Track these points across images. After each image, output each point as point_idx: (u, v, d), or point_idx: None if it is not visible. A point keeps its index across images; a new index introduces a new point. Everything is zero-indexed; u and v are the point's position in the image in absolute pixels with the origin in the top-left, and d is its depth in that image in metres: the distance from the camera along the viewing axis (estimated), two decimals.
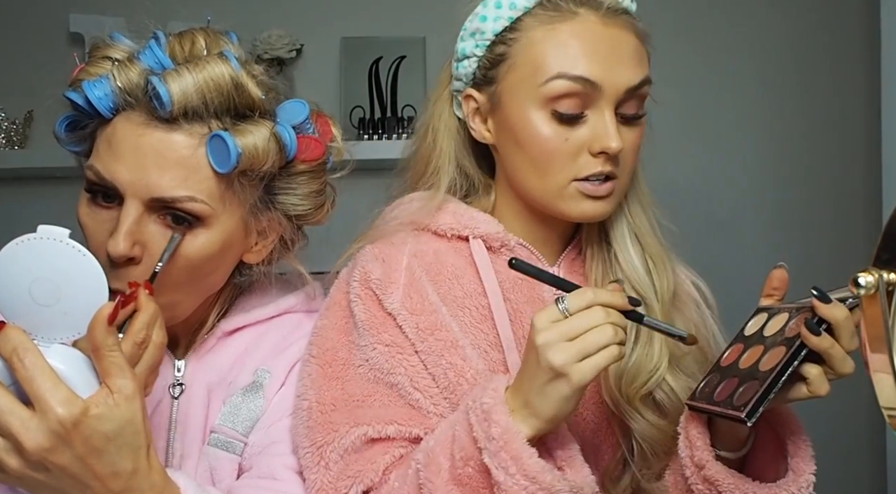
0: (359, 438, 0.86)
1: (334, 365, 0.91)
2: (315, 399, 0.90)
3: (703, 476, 0.87)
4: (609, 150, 0.89)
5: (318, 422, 0.88)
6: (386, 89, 2.08)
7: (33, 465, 0.68)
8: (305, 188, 0.94)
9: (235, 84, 0.85)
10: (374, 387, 0.89)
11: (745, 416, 0.76)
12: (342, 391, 0.90)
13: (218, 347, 0.97)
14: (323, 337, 0.94)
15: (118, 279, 0.83)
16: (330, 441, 0.86)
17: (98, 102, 0.84)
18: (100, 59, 0.88)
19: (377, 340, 0.90)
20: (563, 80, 0.89)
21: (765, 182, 2.16)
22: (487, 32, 0.94)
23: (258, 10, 2.05)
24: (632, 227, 0.99)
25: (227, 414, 0.94)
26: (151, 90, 0.82)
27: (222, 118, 0.86)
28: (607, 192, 0.92)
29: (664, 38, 0.95)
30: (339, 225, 1.02)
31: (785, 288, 0.90)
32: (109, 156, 0.84)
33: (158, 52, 0.86)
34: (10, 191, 2.00)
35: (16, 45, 2.02)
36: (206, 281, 0.92)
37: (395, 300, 0.91)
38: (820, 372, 0.78)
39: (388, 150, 1.97)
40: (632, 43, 0.91)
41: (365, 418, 0.87)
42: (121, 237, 0.82)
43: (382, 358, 0.90)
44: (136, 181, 0.83)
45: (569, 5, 0.91)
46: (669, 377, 0.95)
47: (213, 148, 0.85)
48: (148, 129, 0.84)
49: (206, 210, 0.85)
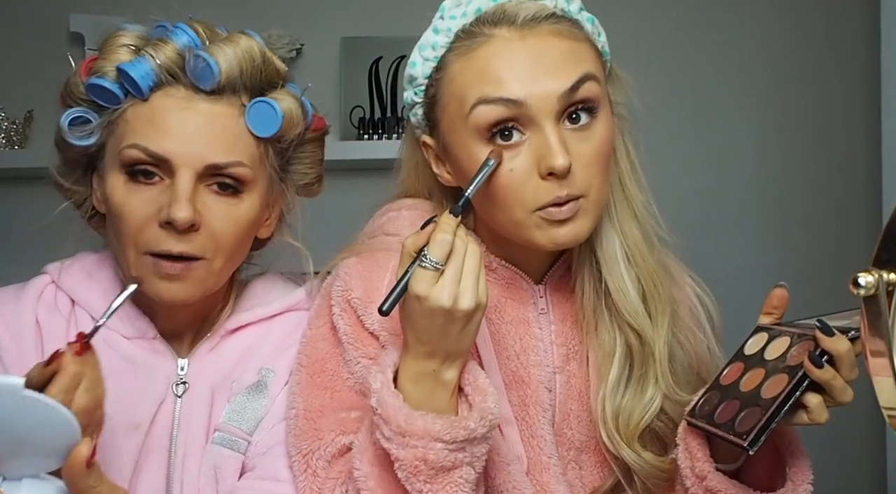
0: (344, 445, 0.87)
1: (323, 374, 0.91)
2: (302, 406, 0.90)
3: (704, 487, 0.87)
4: (555, 170, 0.82)
5: (303, 430, 0.89)
6: (386, 89, 2.08)
7: None
8: (314, 156, 1.01)
9: (264, 57, 0.93)
10: (361, 399, 0.89)
11: (747, 445, 0.78)
12: (330, 399, 0.90)
13: (221, 345, 0.98)
14: (312, 347, 0.94)
15: (182, 243, 0.87)
16: (315, 448, 0.87)
17: (142, 81, 0.88)
18: (117, 47, 0.91)
19: (361, 354, 0.90)
20: (485, 106, 0.84)
21: (764, 182, 2.16)
22: (419, 78, 0.92)
23: (258, 10, 2.05)
24: (624, 246, 0.94)
25: (232, 413, 0.94)
26: (199, 63, 0.88)
27: (251, 89, 0.92)
28: (572, 212, 0.85)
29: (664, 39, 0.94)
30: (339, 224, 1.02)
31: (784, 307, 0.91)
32: (155, 132, 0.88)
33: (191, 33, 0.91)
34: (10, 191, 2.00)
35: (16, 45, 2.02)
36: (244, 248, 0.96)
37: (375, 320, 0.91)
38: (820, 401, 0.80)
39: (388, 150, 1.96)
40: (559, 47, 0.85)
41: (350, 426, 0.87)
42: (184, 203, 0.86)
43: (366, 371, 0.89)
44: (188, 151, 0.88)
45: (483, 29, 0.87)
46: (666, 405, 0.94)
47: (256, 113, 0.91)
48: (192, 102, 0.89)
49: (250, 174, 0.91)
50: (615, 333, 0.95)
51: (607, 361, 0.94)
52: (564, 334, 0.97)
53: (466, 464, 0.79)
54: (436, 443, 0.77)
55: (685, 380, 0.96)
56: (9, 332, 0.93)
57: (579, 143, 0.85)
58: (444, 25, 0.89)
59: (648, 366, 0.94)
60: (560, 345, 0.96)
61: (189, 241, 0.88)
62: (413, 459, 0.77)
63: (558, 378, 0.96)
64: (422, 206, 0.99)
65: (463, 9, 0.88)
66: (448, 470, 0.79)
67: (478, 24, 0.87)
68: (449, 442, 0.78)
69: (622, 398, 0.93)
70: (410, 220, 0.97)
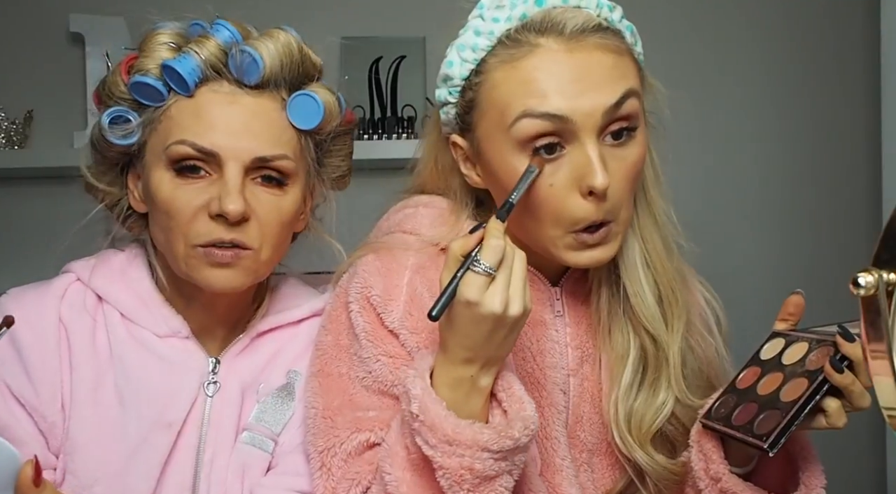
0: (360, 443, 0.86)
1: (339, 380, 0.91)
2: (322, 405, 0.90)
3: (719, 489, 0.87)
4: (596, 189, 0.82)
5: (320, 428, 0.88)
6: (386, 89, 2.08)
7: None
8: (346, 149, 1.03)
9: (301, 51, 0.96)
10: (379, 399, 0.89)
11: (767, 447, 0.79)
12: (347, 398, 0.89)
13: (251, 347, 1.00)
14: (325, 354, 0.93)
15: (233, 232, 0.89)
16: (331, 446, 0.86)
17: (189, 76, 0.89)
18: (158, 44, 0.93)
19: (381, 352, 0.89)
20: (529, 119, 0.83)
21: (764, 182, 2.16)
22: (456, 78, 0.90)
23: (258, 10, 2.04)
24: (643, 252, 0.94)
25: (261, 414, 0.96)
26: (244, 58, 0.90)
27: (290, 84, 0.94)
28: (602, 238, 0.87)
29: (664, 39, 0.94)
30: (340, 224, 1.02)
31: (800, 314, 0.92)
32: (202, 127, 0.90)
33: (232, 29, 0.93)
34: (10, 191, 2.00)
35: (16, 45, 2.02)
36: (287, 241, 0.98)
37: (396, 318, 0.90)
38: (839, 406, 0.81)
39: (388, 150, 1.97)
40: (605, 62, 0.85)
41: (367, 424, 0.87)
42: (235, 195, 0.88)
43: (386, 369, 0.88)
44: (236, 144, 0.89)
45: (529, 37, 0.85)
46: (677, 409, 0.94)
47: (299, 106, 0.94)
48: (236, 97, 0.91)
49: (294, 167, 0.93)
50: (630, 336, 0.95)
51: (620, 363, 0.95)
52: (579, 337, 0.97)
53: (507, 473, 0.79)
54: (483, 453, 0.76)
55: (695, 385, 0.97)
56: (31, 332, 0.93)
57: (616, 161, 0.85)
58: (486, 28, 0.87)
59: (661, 370, 0.94)
60: (575, 348, 0.96)
61: (240, 231, 0.89)
62: (459, 468, 0.76)
63: (572, 380, 0.96)
64: (438, 204, 0.98)
65: (507, 12, 0.86)
66: (491, 479, 0.78)
67: (523, 31, 0.85)
68: (495, 452, 0.77)
69: (635, 400, 0.94)
70: (429, 218, 0.96)
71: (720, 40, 2.14)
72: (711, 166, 2.14)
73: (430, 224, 0.96)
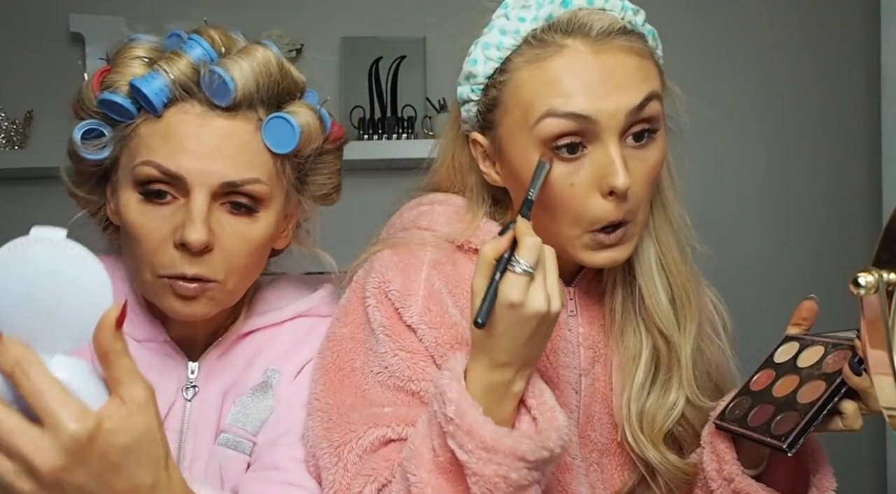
0: (377, 439, 0.84)
1: (352, 375, 0.89)
2: (334, 401, 0.88)
3: (732, 489, 0.87)
4: (618, 189, 0.83)
5: (336, 423, 0.87)
6: (386, 89, 2.08)
7: (48, 487, 0.62)
8: (332, 167, 0.98)
9: (281, 69, 0.90)
10: (394, 394, 0.87)
11: (786, 447, 0.80)
12: (361, 394, 0.88)
13: (233, 349, 0.97)
14: (340, 345, 0.92)
15: (196, 265, 0.86)
16: (347, 441, 0.85)
17: (155, 97, 0.85)
18: (130, 59, 0.88)
19: (398, 346, 0.88)
20: (553, 119, 0.83)
21: (764, 182, 2.16)
22: (479, 76, 0.90)
23: (258, 10, 2.04)
24: (659, 255, 0.94)
25: (237, 414, 0.94)
26: (214, 79, 0.85)
27: (268, 103, 0.89)
28: (619, 239, 0.87)
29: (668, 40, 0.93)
30: (340, 224, 1.02)
31: (813, 319, 0.92)
32: (169, 150, 0.85)
33: (205, 44, 0.88)
34: (9, 191, 2.00)
35: (16, 45, 2.02)
36: (259, 265, 0.94)
37: (414, 313, 0.89)
38: (856, 408, 0.82)
39: (388, 150, 1.98)
40: (630, 64, 0.85)
41: (384, 419, 0.85)
42: (199, 225, 0.84)
43: (404, 364, 0.87)
44: (204, 169, 0.85)
45: (555, 38, 0.85)
46: (687, 411, 0.94)
47: (273, 130, 0.89)
48: (207, 119, 0.87)
49: (267, 191, 0.89)
50: (643, 336, 0.95)
51: (633, 363, 0.94)
52: (592, 337, 0.97)
53: (537, 483, 0.79)
54: (519, 462, 0.75)
55: (704, 386, 0.97)
56: None
57: (636, 162, 0.85)
58: (511, 27, 0.87)
59: (673, 371, 0.94)
60: (587, 348, 0.96)
61: (203, 264, 0.86)
62: (494, 476, 0.75)
63: (584, 380, 0.96)
64: (453, 201, 0.97)
65: (533, 12, 0.86)
66: (524, 489, 0.77)
67: (549, 32, 0.85)
68: (530, 462, 0.76)
69: (647, 400, 0.93)
70: (445, 216, 0.96)
71: (724, 42, 2.14)
72: (711, 166, 2.14)
73: (447, 221, 0.95)
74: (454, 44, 0.99)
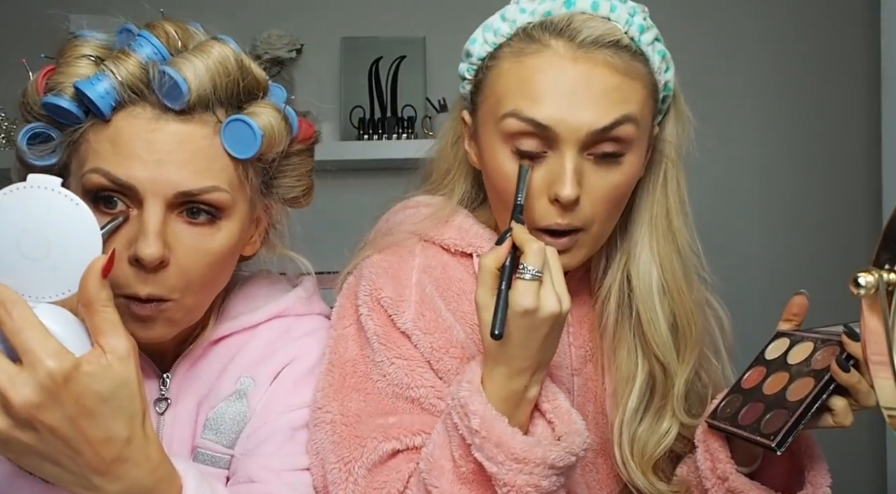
0: (385, 452, 0.84)
1: (354, 376, 0.88)
2: (338, 411, 0.87)
3: (726, 488, 0.87)
4: (561, 199, 0.82)
5: (343, 437, 0.85)
6: (386, 89, 2.08)
7: (21, 424, 0.62)
8: (301, 168, 0.92)
9: (241, 66, 0.82)
10: (394, 402, 0.87)
11: (775, 445, 0.79)
12: (364, 403, 0.87)
13: (205, 357, 0.92)
14: (341, 348, 0.91)
15: (149, 284, 0.79)
16: (358, 456, 0.84)
17: (101, 101, 0.78)
18: (75, 58, 0.82)
19: (394, 354, 0.88)
20: (514, 119, 0.83)
21: (765, 182, 2.16)
22: (474, 56, 0.90)
23: (258, 10, 2.04)
24: (661, 280, 0.93)
25: (210, 427, 0.89)
26: (164, 80, 0.78)
27: (228, 104, 0.82)
28: (568, 245, 0.86)
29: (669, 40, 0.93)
30: (339, 224, 1.02)
31: (804, 314, 0.92)
32: (119, 157, 0.78)
33: (155, 42, 0.81)
34: None
35: (16, 45, 2.02)
36: (222, 277, 0.88)
37: (408, 319, 0.88)
38: (846, 405, 0.81)
39: (388, 150, 1.97)
40: (608, 81, 0.82)
41: (392, 431, 0.84)
42: (152, 239, 0.77)
43: (402, 372, 0.87)
44: (157, 178, 0.78)
45: (543, 36, 0.84)
46: (681, 430, 0.94)
47: (233, 133, 0.81)
48: (160, 123, 0.79)
49: (228, 199, 0.82)
50: (638, 360, 0.94)
51: (626, 386, 0.94)
52: (582, 336, 0.97)
53: (562, 487, 0.79)
54: (549, 470, 0.76)
55: (697, 406, 0.97)
56: None
57: (596, 177, 0.84)
58: (512, 15, 0.88)
59: (668, 398, 0.94)
60: (578, 347, 0.96)
61: (156, 282, 0.79)
62: (525, 485, 0.75)
63: (576, 380, 0.96)
64: (437, 203, 0.98)
65: (535, 5, 0.87)
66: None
67: (539, 29, 0.85)
68: (560, 469, 0.77)
69: (639, 426, 0.93)
70: (428, 214, 0.96)
71: (716, 38, 2.14)
72: (711, 166, 2.14)
73: (434, 223, 0.96)
74: (454, 44, 0.99)
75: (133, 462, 0.66)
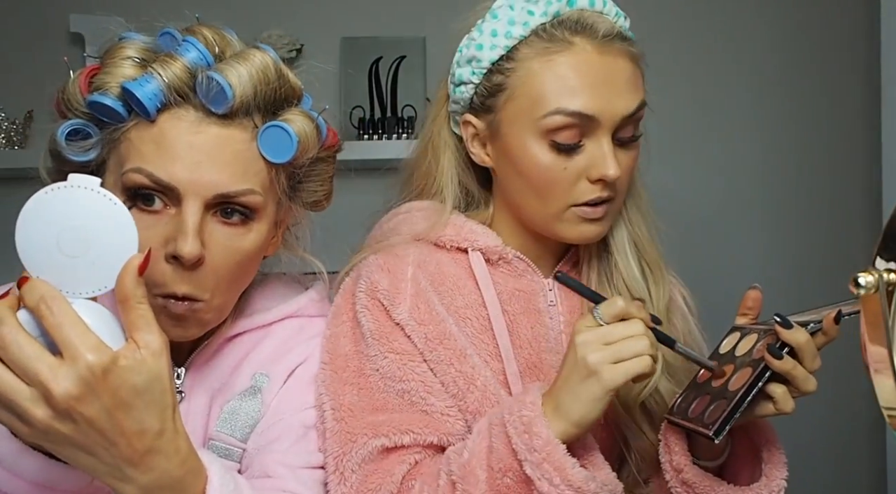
0: (375, 449, 0.87)
1: (347, 370, 0.92)
2: (330, 405, 0.91)
3: (681, 480, 0.90)
4: (607, 178, 0.90)
5: (333, 432, 0.89)
6: (386, 89, 2.08)
7: (61, 415, 0.64)
8: (325, 174, 0.96)
9: (279, 75, 0.86)
10: (385, 397, 0.90)
11: (712, 434, 0.82)
12: (357, 397, 0.90)
13: (219, 353, 0.95)
14: (334, 344, 0.94)
15: (186, 283, 0.83)
16: (347, 451, 0.87)
17: (148, 102, 0.81)
18: (121, 59, 0.84)
19: (387, 349, 0.91)
20: (560, 116, 0.89)
21: (765, 182, 2.16)
22: (484, 61, 0.94)
23: (258, 10, 2.05)
24: (632, 236, 1.01)
25: (224, 421, 0.92)
26: (211, 86, 0.81)
27: (265, 110, 0.86)
28: (603, 214, 0.94)
29: (660, 38, 0.94)
30: (340, 225, 1.02)
31: (759, 308, 0.95)
32: (162, 158, 0.82)
33: (201, 48, 0.84)
34: (10, 191, 2.00)
35: (16, 45, 2.02)
36: (248, 276, 0.92)
37: (404, 310, 0.92)
38: (785, 391, 0.83)
39: (388, 150, 1.97)
40: (627, 69, 0.91)
41: (381, 428, 0.88)
42: (191, 237, 0.81)
43: (394, 366, 0.91)
44: (197, 179, 0.82)
45: (564, 34, 0.90)
46: (662, 384, 0.97)
47: (270, 139, 0.85)
48: (202, 126, 0.83)
49: (261, 202, 0.86)
50: None
51: None
52: (573, 324, 0.98)
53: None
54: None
55: (681, 367, 1.00)
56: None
57: (622, 156, 0.93)
58: (520, 18, 0.92)
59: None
60: (570, 334, 0.98)
61: (192, 280, 0.83)
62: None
63: None
64: (428, 207, 1.01)
65: (542, 7, 0.92)
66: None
67: (559, 27, 0.91)
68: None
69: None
70: (424, 221, 1.00)
71: (723, 41, 2.14)
72: (711, 166, 2.14)
73: (430, 226, 0.99)
74: (454, 44, 0.99)
75: (164, 454, 0.68)
